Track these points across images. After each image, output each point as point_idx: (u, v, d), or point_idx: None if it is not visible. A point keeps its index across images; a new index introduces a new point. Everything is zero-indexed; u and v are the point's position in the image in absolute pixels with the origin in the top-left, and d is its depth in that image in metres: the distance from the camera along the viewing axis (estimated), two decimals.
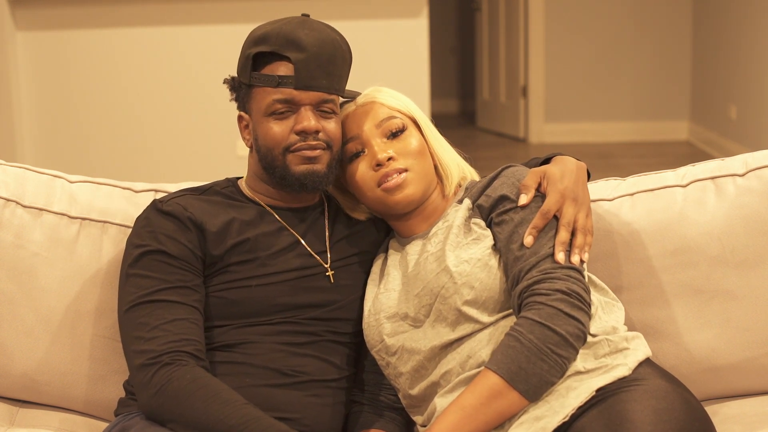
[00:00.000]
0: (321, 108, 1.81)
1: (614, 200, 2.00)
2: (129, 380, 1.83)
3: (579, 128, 7.55)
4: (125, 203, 2.02)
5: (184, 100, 5.27)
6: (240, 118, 1.88)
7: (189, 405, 1.64)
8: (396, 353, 1.80)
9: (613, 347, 1.70)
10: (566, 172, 1.79)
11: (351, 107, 1.89)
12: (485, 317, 1.73)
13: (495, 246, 1.77)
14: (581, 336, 1.65)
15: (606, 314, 1.77)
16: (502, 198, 1.79)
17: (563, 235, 1.72)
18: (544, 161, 1.87)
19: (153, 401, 1.67)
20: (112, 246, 1.97)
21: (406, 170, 1.83)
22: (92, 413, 1.98)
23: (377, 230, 1.96)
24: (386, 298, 1.83)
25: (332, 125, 1.83)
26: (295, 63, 1.78)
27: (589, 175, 1.87)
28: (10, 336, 1.94)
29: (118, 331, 1.79)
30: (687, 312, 1.93)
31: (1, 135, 5.07)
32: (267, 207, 1.88)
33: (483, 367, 1.66)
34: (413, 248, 1.86)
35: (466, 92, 9.13)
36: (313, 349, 1.82)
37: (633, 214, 1.97)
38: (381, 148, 1.83)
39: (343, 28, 1.96)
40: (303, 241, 1.87)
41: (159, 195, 2.02)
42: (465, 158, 1.96)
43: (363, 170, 1.84)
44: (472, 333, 1.74)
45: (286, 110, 1.80)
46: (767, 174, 1.95)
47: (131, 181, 2.10)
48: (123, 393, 1.87)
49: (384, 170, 1.82)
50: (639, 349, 1.72)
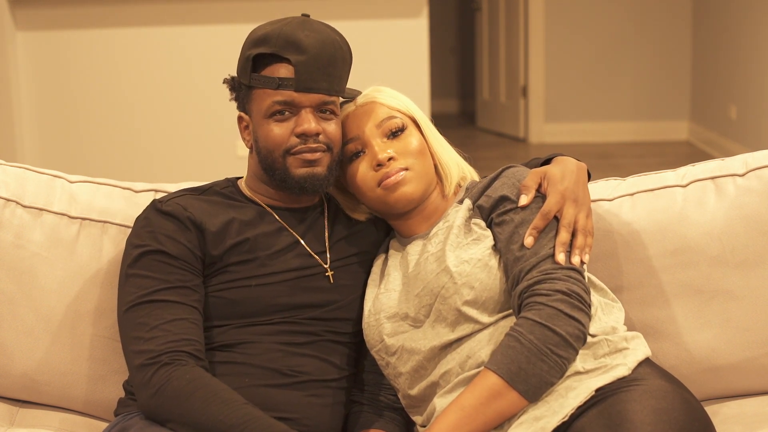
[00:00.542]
0: (321, 110, 1.81)
1: (614, 200, 2.00)
2: (128, 380, 1.83)
3: (579, 128, 7.55)
4: (125, 203, 2.02)
5: (184, 100, 5.27)
6: (240, 119, 1.88)
7: (188, 405, 1.64)
8: (396, 353, 1.80)
9: (613, 347, 1.70)
10: (567, 173, 1.79)
11: (351, 107, 1.89)
12: (485, 317, 1.73)
13: (495, 246, 1.77)
14: (581, 337, 1.65)
15: (605, 315, 1.77)
16: (503, 198, 1.79)
17: (564, 236, 1.72)
18: (545, 162, 1.87)
19: (152, 401, 1.67)
20: (112, 246, 1.97)
21: (407, 169, 1.83)
22: (92, 413, 1.98)
23: (377, 230, 1.96)
24: (387, 298, 1.83)
25: (332, 127, 1.82)
26: (296, 65, 1.78)
27: (590, 176, 1.87)
28: (10, 336, 1.94)
29: (118, 331, 1.79)
30: (687, 312, 1.93)
31: (1, 135, 5.07)
32: (266, 207, 1.88)
33: (483, 368, 1.66)
34: (414, 248, 1.86)
35: (466, 92, 9.13)
36: (313, 349, 1.82)
37: (633, 214, 1.97)
38: (381, 148, 1.83)
39: (343, 28, 1.96)
40: (302, 242, 1.87)
41: (159, 195, 2.02)
42: (465, 158, 1.96)
43: (363, 170, 1.84)
44: (472, 333, 1.74)
45: (287, 112, 1.80)
46: (767, 174, 1.95)
47: (131, 181, 2.10)
48: (123, 393, 1.87)
49: (384, 170, 1.82)
50: (638, 349, 1.72)
